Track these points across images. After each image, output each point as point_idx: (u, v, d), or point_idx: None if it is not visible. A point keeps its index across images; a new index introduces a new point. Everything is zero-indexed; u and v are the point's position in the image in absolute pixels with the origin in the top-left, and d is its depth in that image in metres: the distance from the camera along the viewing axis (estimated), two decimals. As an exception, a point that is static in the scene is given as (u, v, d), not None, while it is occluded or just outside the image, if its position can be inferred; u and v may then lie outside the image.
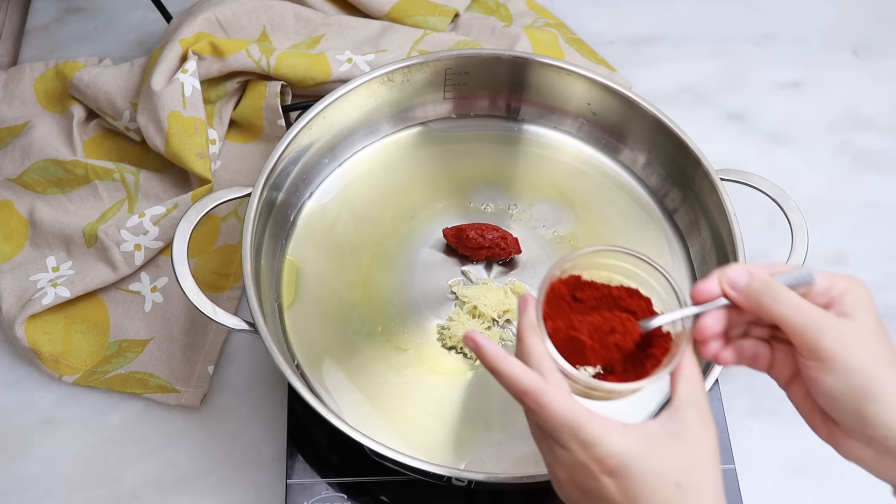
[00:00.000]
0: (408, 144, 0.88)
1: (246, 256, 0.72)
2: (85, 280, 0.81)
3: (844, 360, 0.51)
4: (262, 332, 0.69)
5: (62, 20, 1.02)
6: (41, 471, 0.76)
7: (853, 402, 0.51)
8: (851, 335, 0.51)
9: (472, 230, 0.79)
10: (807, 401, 0.55)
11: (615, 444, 0.51)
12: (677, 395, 0.54)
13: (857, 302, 0.53)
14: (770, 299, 0.52)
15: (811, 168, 0.96)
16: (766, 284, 0.53)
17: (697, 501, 0.51)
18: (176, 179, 0.89)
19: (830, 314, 0.52)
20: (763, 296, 0.53)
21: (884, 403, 0.50)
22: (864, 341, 0.51)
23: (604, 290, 0.58)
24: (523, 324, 0.55)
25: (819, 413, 0.54)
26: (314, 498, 0.72)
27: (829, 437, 0.54)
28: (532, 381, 0.52)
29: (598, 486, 0.51)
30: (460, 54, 0.85)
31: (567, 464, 0.53)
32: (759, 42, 1.05)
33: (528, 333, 0.55)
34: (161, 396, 0.79)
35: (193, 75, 0.87)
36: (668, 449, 0.52)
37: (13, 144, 0.89)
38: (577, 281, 0.58)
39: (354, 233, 0.82)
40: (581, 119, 0.87)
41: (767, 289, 0.53)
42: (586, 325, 0.56)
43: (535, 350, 0.54)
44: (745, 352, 0.56)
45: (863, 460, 0.54)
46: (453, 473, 0.66)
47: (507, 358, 0.53)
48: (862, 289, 0.54)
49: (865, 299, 0.53)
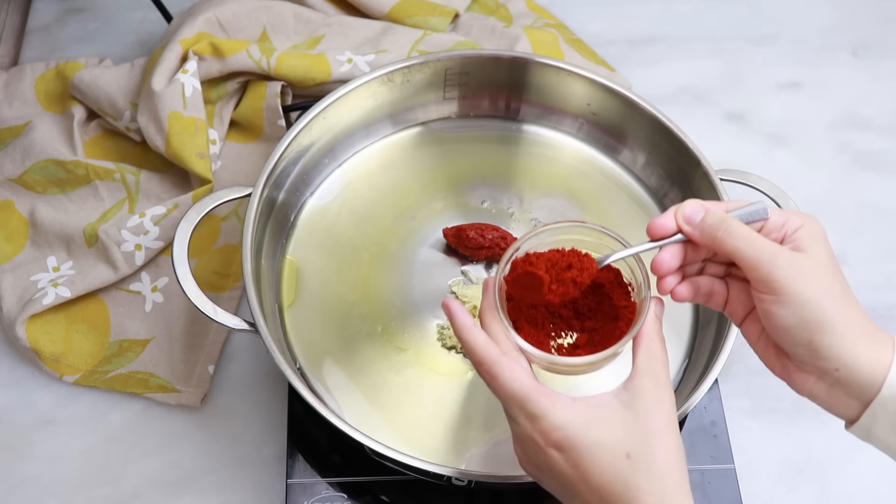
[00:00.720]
0: (408, 144, 0.88)
1: (246, 256, 0.72)
2: (85, 280, 0.81)
3: (797, 292, 0.52)
4: (263, 332, 0.69)
5: (63, 20, 1.02)
6: (42, 470, 0.76)
7: (805, 333, 0.52)
8: (804, 268, 0.52)
9: (472, 230, 0.79)
10: (761, 337, 0.56)
11: (559, 417, 0.52)
12: (635, 365, 0.55)
13: (810, 236, 0.54)
14: (725, 234, 0.54)
15: (811, 168, 0.96)
16: (721, 220, 0.54)
17: (647, 470, 0.51)
18: (176, 179, 0.89)
19: (785, 248, 0.53)
20: (718, 230, 0.54)
21: (835, 335, 0.51)
22: (817, 274, 0.52)
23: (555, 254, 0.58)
24: (484, 305, 0.57)
25: (773, 349, 0.55)
26: (314, 497, 0.72)
27: (783, 372, 0.56)
28: (489, 352, 0.54)
29: (546, 459, 0.52)
30: (460, 54, 0.85)
31: (519, 437, 0.54)
32: (758, 42, 1.05)
33: (487, 314, 0.56)
34: (161, 396, 0.79)
35: (194, 75, 0.87)
36: (618, 419, 0.52)
37: (14, 144, 0.89)
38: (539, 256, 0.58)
39: (354, 233, 0.82)
40: (581, 119, 0.88)
41: (722, 224, 0.54)
42: (543, 260, 0.57)
43: (494, 330, 0.55)
44: (701, 288, 0.57)
45: (816, 395, 0.55)
46: (453, 473, 0.66)
47: (474, 328, 0.55)
48: (815, 224, 0.55)
49: (819, 234, 0.54)
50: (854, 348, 0.51)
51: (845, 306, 0.52)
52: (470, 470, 0.69)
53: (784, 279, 0.52)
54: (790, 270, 0.52)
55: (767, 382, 0.81)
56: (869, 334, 0.52)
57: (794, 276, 0.52)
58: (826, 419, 0.81)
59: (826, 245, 0.54)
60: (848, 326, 0.52)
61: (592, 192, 0.85)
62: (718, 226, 0.54)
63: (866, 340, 0.52)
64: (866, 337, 0.52)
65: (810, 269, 0.52)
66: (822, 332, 0.51)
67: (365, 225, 0.83)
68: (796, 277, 0.52)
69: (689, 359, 0.77)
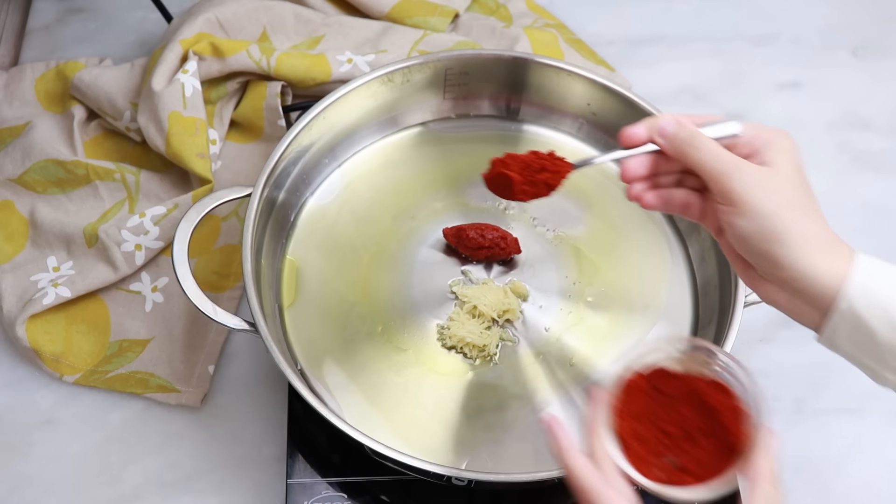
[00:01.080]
0: (408, 144, 0.88)
1: (246, 256, 0.72)
2: (86, 280, 0.81)
3: (754, 203, 0.53)
4: (263, 332, 0.69)
5: (63, 21, 1.02)
6: (42, 470, 0.76)
7: (763, 244, 0.54)
8: (765, 181, 0.54)
9: (471, 230, 0.80)
10: (733, 248, 0.57)
11: None
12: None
13: (778, 150, 0.56)
14: (690, 147, 0.56)
15: (810, 168, 0.95)
16: (690, 134, 0.56)
17: None
18: (176, 179, 0.89)
19: (746, 162, 0.55)
20: (685, 144, 0.56)
21: (791, 246, 0.53)
22: (778, 187, 0.54)
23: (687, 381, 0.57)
24: (587, 420, 0.56)
25: (741, 259, 0.57)
26: (314, 497, 0.72)
27: (751, 282, 0.57)
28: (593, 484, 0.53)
29: None
30: (460, 55, 0.85)
31: None
32: (758, 42, 1.05)
33: (590, 431, 0.55)
34: (162, 396, 0.79)
35: (194, 75, 0.87)
36: None
37: (14, 145, 0.89)
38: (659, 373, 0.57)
39: (354, 233, 0.82)
40: (581, 119, 0.88)
41: (691, 138, 0.56)
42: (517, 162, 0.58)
43: (596, 449, 0.55)
44: (675, 199, 0.59)
45: (779, 304, 0.56)
46: (453, 473, 0.66)
47: (575, 452, 0.54)
48: (785, 139, 0.56)
49: (787, 148, 0.56)
50: (810, 259, 0.53)
51: (804, 218, 0.54)
52: (470, 470, 0.69)
53: (741, 190, 0.54)
54: (748, 183, 0.54)
55: (768, 383, 0.82)
56: (828, 245, 0.54)
57: (752, 188, 0.54)
58: (826, 419, 0.81)
59: (793, 159, 0.56)
60: (806, 238, 0.53)
61: (593, 192, 0.85)
62: (686, 140, 0.56)
63: (824, 252, 0.53)
64: (824, 248, 0.53)
65: (770, 183, 0.54)
66: (778, 242, 0.53)
67: (365, 225, 0.83)
68: (754, 189, 0.54)
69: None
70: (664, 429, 0.57)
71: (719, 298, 0.77)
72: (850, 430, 0.80)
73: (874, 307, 0.52)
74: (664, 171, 0.59)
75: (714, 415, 0.57)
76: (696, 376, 0.57)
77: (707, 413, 0.57)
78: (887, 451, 0.80)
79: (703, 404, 0.56)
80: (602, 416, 0.55)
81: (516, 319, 0.78)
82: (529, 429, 0.73)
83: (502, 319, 0.78)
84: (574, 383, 0.75)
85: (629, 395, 0.57)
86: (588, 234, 0.83)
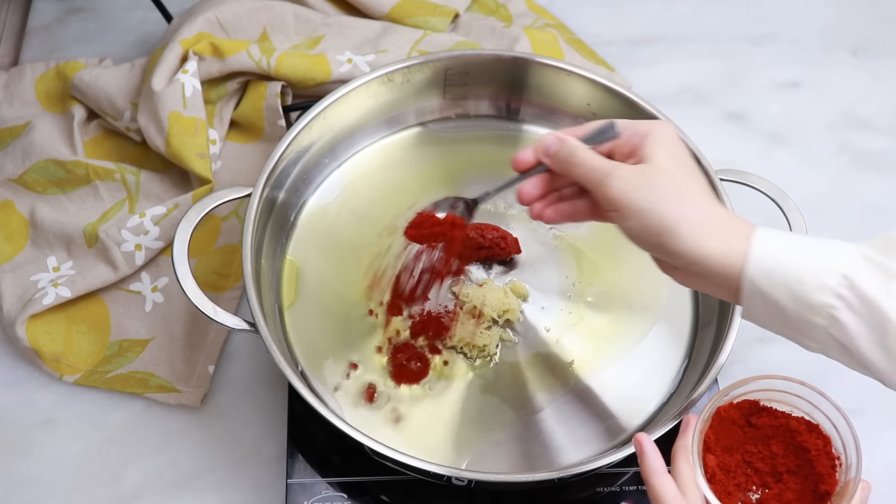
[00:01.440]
0: (408, 144, 0.88)
1: (246, 256, 0.72)
2: (86, 280, 0.81)
3: (631, 203, 0.55)
4: (263, 332, 0.69)
5: (63, 20, 1.02)
6: (42, 470, 0.76)
7: (652, 238, 0.55)
8: (638, 180, 0.55)
9: (472, 230, 0.79)
10: None
11: None
12: None
13: (653, 143, 0.57)
14: (570, 163, 0.58)
15: (810, 168, 0.96)
16: (569, 151, 0.58)
17: None
18: (176, 179, 0.89)
19: (620, 165, 0.56)
20: (566, 162, 0.58)
21: (678, 236, 0.54)
22: (653, 182, 0.55)
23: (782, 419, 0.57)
24: (678, 446, 0.57)
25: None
26: (314, 497, 0.72)
27: (663, 269, 0.59)
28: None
29: None
30: (460, 54, 0.85)
31: None
32: (758, 42, 1.05)
33: (679, 457, 0.56)
34: (162, 396, 0.79)
35: (194, 75, 0.87)
36: None
37: (14, 145, 0.89)
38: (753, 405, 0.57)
39: (354, 233, 0.82)
40: (581, 119, 0.87)
41: (570, 154, 0.58)
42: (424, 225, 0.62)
43: (683, 475, 0.55)
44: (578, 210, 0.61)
45: (694, 286, 0.58)
46: (453, 473, 0.66)
47: (664, 476, 0.55)
48: (661, 130, 0.57)
49: (663, 139, 0.57)
50: (703, 244, 0.54)
51: (687, 205, 0.54)
52: (470, 470, 0.70)
53: (616, 195, 0.55)
54: (621, 186, 0.55)
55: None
56: (720, 227, 0.54)
57: (627, 190, 0.55)
58: (826, 419, 0.81)
59: (670, 148, 0.57)
60: (693, 224, 0.54)
61: (592, 192, 0.85)
62: (566, 156, 0.58)
63: (717, 234, 0.54)
64: (717, 230, 0.54)
65: (645, 179, 0.55)
66: (666, 234, 0.54)
67: (365, 225, 0.83)
68: (629, 191, 0.55)
69: (689, 359, 0.77)
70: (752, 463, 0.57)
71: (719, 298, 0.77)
72: (849, 430, 0.80)
73: (776, 282, 0.53)
74: (559, 185, 0.62)
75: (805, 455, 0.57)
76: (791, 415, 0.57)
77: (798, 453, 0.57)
78: (887, 451, 0.80)
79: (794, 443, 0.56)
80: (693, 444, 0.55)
81: (516, 319, 0.78)
82: (529, 429, 0.73)
83: (502, 319, 0.78)
84: (574, 383, 0.75)
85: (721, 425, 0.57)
86: (588, 234, 0.83)
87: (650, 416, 0.74)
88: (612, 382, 0.76)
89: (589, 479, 0.72)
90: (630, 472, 0.74)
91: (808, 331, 0.53)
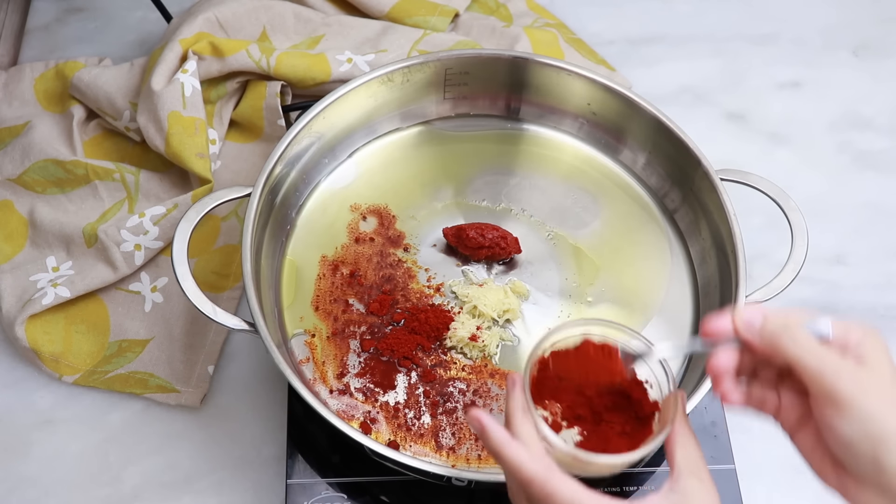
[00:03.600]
0: (408, 144, 0.88)
1: (246, 256, 0.72)
2: (85, 280, 0.81)
3: (861, 405, 0.51)
4: (262, 332, 0.69)
5: (62, 20, 1.02)
6: (41, 471, 0.76)
7: (869, 448, 0.51)
8: (868, 382, 0.51)
9: (472, 230, 0.79)
10: (816, 448, 0.55)
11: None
12: (676, 465, 0.54)
13: (873, 350, 0.53)
14: (789, 341, 0.52)
15: (811, 168, 0.96)
16: (784, 326, 0.53)
17: None
18: (176, 179, 0.89)
19: (847, 361, 0.52)
20: (782, 337, 0.53)
21: None
22: (881, 388, 0.51)
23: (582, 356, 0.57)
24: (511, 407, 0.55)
25: (829, 460, 0.54)
26: (314, 498, 0.72)
27: (838, 484, 0.54)
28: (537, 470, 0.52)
29: None
30: (460, 54, 0.85)
31: None
32: (758, 42, 1.05)
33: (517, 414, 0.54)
34: (161, 396, 0.79)
35: (193, 75, 0.87)
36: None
37: (13, 144, 0.89)
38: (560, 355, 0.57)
39: (354, 233, 0.82)
40: (581, 119, 0.87)
41: (786, 331, 0.53)
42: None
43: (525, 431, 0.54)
44: (754, 395, 0.56)
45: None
46: (453, 473, 0.66)
47: (512, 443, 0.53)
48: (877, 338, 0.54)
49: (881, 348, 0.53)
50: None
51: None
52: (470, 470, 0.69)
53: (848, 392, 0.51)
54: (853, 383, 0.51)
55: (768, 382, 0.81)
56: None
57: (858, 389, 0.51)
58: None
59: (889, 359, 0.53)
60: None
61: (593, 192, 0.85)
62: (782, 333, 0.53)
63: None
64: None
65: (874, 383, 0.51)
66: (884, 445, 0.50)
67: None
68: (860, 391, 0.51)
69: (689, 359, 0.77)
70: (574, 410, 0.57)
71: (720, 298, 0.77)
72: (850, 430, 0.80)
73: None
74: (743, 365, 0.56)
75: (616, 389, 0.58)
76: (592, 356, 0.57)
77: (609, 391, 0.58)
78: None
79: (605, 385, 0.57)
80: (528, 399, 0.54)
81: (516, 319, 0.78)
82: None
83: (502, 319, 0.78)
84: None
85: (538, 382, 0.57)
86: (588, 234, 0.83)
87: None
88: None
89: (588, 479, 0.72)
90: (630, 472, 0.74)
91: None
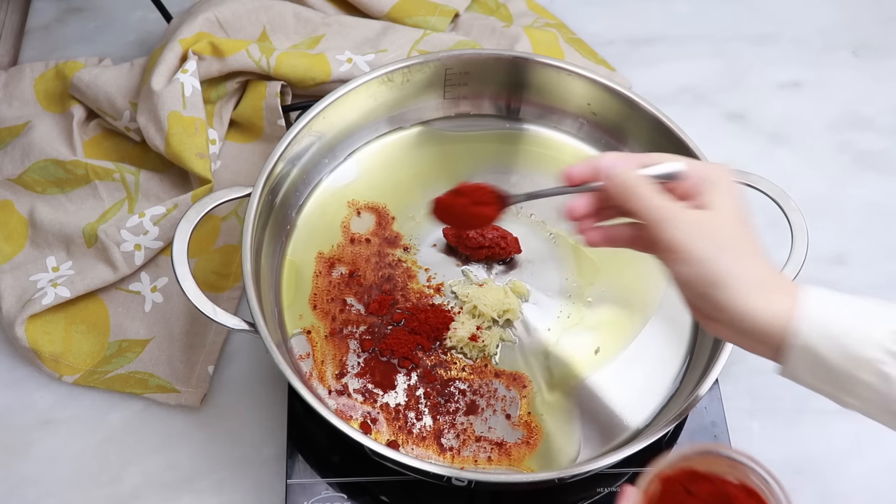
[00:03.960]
0: (408, 144, 0.88)
1: (246, 256, 0.72)
2: (85, 280, 0.81)
3: (692, 250, 0.54)
4: (262, 333, 0.69)
5: (62, 20, 1.02)
6: (41, 471, 0.76)
7: (703, 289, 0.54)
8: (702, 227, 0.55)
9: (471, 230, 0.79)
10: None
11: None
12: None
13: (719, 192, 0.56)
14: (630, 193, 0.57)
15: (811, 168, 0.96)
16: (633, 182, 0.57)
17: None
18: (176, 179, 0.89)
19: (685, 208, 0.56)
20: (625, 190, 0.57)
21: (731, 289, 0.54)
22: (716, 232, 0.55)
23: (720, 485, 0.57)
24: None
25: None
26: (314, 498, 0.72)
27: (700, 319, 0.58)
28: None
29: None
30: (460, 54, 0.85)
31: None
32: (758, 42, 1.05)
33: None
34: (161, 396, 0.79)
35: (193, 75, 0.87)
36: None
37: (13, 144, 0.89)
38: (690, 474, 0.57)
39: (354, 233, 0.82)
40: (581, 119, 0.87)
41: (632, 184, 0.57)
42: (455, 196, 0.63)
43: None
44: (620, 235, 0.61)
45: (730, 341, 0.58)
46: (453, 473, 0.66)
47: None
48: (727, 179, 0.57)
49: (729, 189, 0.57)
50: (750, 301, 0.54)
51: (741, 261, 0.54)
52: (470, 470, 0.69)
53: (680, 240, 0.55)
54: (685, 231, 0.55)
55: (768, 383, 0.82)
56: (767, 286, 0.54)
57: (691, 236, 0.54)
58: (826, 419, 0.81)
59: (734, 199, 0.56)
60: (743, 280, 0.54)
61: (592, 192, 0.85)
62: (626, 185, 0.57)
63: (764, 292, 0.54)
64: (764, 289, 0.54)
65: (708, 228, 0.55)
66: (716, 286, 0.54)
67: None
68: (693, 237, 0.54)
69: (689, 359, 0.77)
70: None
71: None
72: (850, 430, 0.80)
73: (828, 340, 0.53)
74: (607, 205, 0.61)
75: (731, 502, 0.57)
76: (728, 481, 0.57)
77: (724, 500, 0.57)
78: (887, 452, 0.80)
79: None
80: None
81: (516, 319, 0.78)
82: (529, 429, 0.73)
83: (502, 319, 0.78)
84: (574, 384, 0.75)
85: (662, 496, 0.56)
86: (588, 234, 0.83)
87: (650, 416, 0.74)
88: (612, 383, 0.75)
89: (589, 479, 0.72)
90: (630, 472, 0.74)
91: (852, 387, 0.53)
